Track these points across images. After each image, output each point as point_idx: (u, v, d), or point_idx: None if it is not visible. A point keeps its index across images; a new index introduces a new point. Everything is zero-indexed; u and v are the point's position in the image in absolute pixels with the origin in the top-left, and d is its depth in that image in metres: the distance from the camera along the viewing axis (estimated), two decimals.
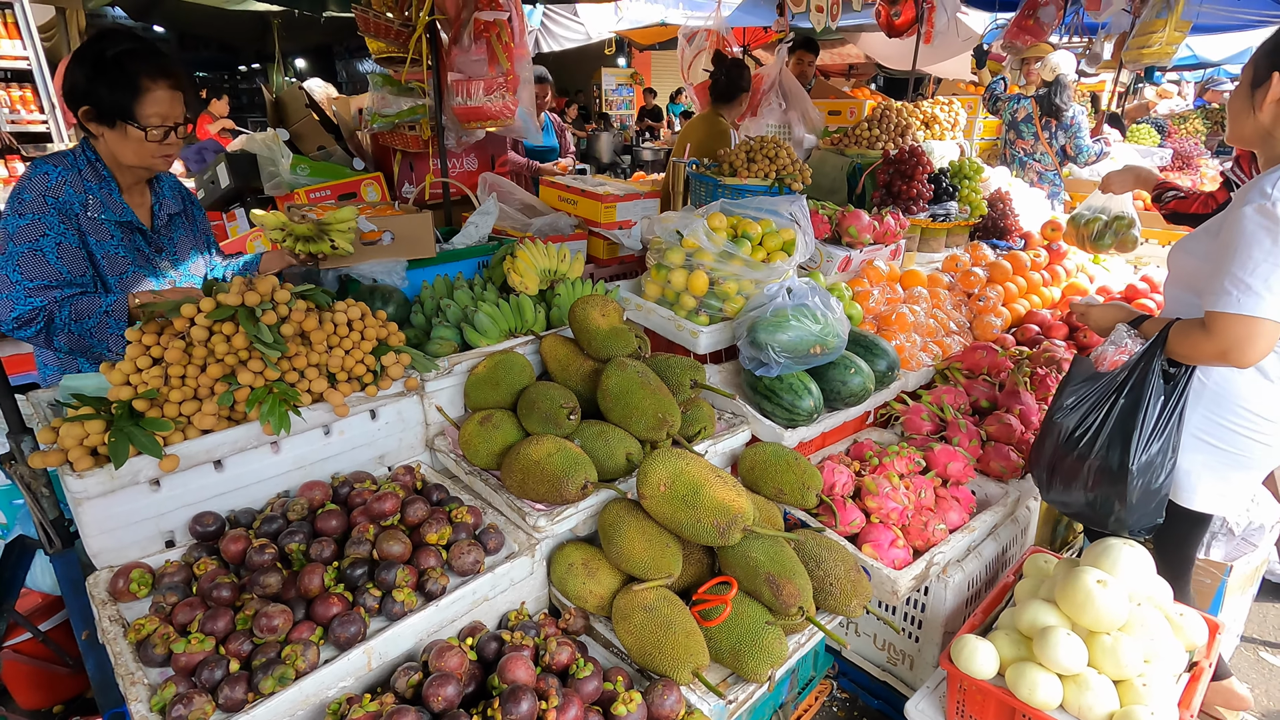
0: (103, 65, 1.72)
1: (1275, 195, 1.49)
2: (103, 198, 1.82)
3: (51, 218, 1.74)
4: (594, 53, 9.53)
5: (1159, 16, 5.37)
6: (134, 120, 1.75)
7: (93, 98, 1.74)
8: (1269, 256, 1.48)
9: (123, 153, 1.81)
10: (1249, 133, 1.69)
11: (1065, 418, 1.85)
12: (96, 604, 1.40)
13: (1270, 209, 1.49)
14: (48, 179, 1.75)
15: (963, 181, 3.46)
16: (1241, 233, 1.52)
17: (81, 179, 1.80)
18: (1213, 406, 1.76)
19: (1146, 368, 1.72)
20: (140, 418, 1.44)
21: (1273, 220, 1.48)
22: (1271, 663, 2.68)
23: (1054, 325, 2.90)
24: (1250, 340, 1.52)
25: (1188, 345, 1.65)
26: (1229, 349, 1.55)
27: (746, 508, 1.51)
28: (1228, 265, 1.54)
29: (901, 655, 2.17)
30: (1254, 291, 1.50)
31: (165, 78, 1.77)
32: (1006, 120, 4.62)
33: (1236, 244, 1.53)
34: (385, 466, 1.85)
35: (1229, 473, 1.79)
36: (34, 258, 1.72)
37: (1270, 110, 1.61)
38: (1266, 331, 1.51)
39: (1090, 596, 1.56)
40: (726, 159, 3.10)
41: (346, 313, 1.69)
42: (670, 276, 2.30)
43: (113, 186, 1.85)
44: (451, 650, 1.35)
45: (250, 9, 6.05)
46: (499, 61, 3.00)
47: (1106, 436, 1.75)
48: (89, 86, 1.73)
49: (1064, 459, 1.84)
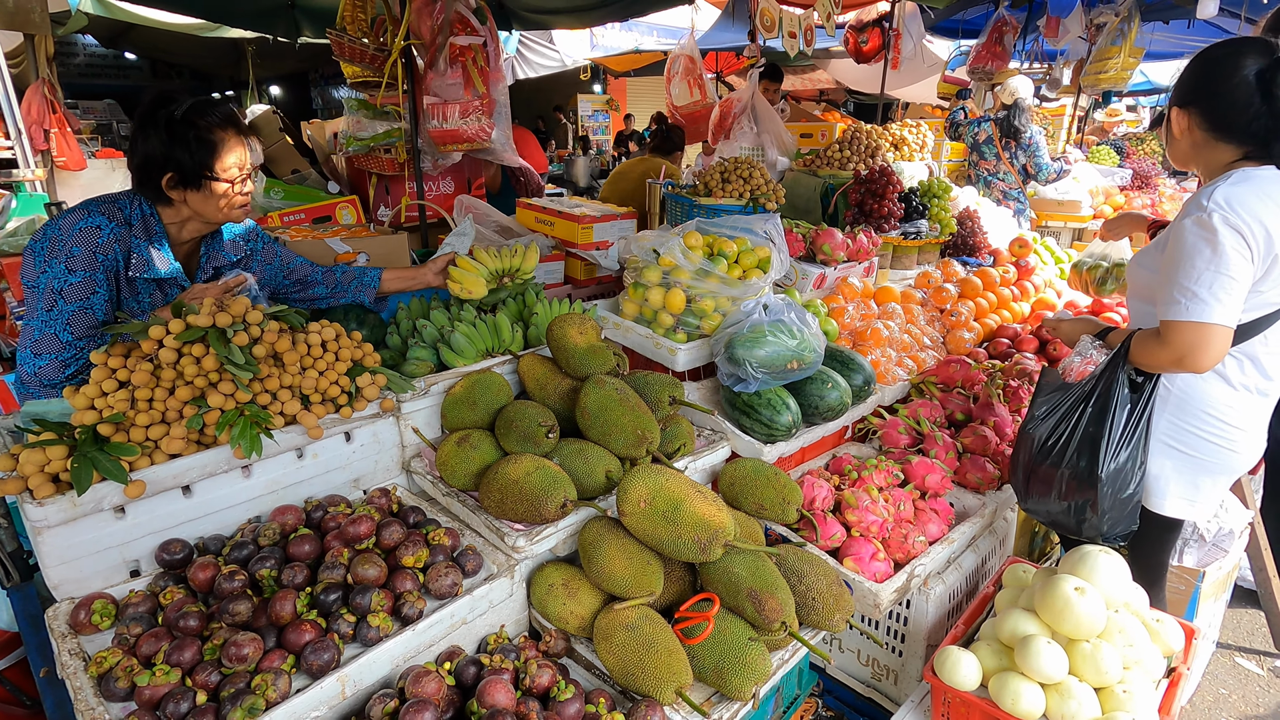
0: (174, 127, 1.68)
1: (1210, 207, 1.56)
2: (149, 255, 1.76)
3: (101, 275, 1.69)
4: (570, 79, 9.65)
5: (1114, 44, 5.61)
6: (216, 176, 1.72)
7: (173, 163, 1.69)
8: (1210, 265, 1.56)
9: (208, 210, 1.77)
10: (1179, 156, 1.81)
11: (1037, 428, 1.88)
12: (56, 637, 1.35)
13: (1207, 220, 1.56)
14: (99, 234, 1.68)
15: (932, 200, 3.54)
16: (1183, 245, 1.60)
17: (130, 234, 1.74)
18: (1178, 413, 1.80)
19: (1111, 377, 1.76)
20: (105, 443, 1.40)
21: (1210, 231, 1.56)
22: (1248, 669, 2.71)
23: (1024, 339, 2.96)
24: (1202, 346, 1.58)
25: (1147, 354, 1.70)
26: (1184, 355, 1.61)
27: (727, 523, 1.50)
28: (1175, 276, 1.61)
29: (886, 670, 2.16)
30: (1200, 299, 1.56)
31: (233, 126, 1.75)
32: (969, 143, 4.78)
33: (1180, 255, 1.60)
34: (360, 490, 1.82)
35: (1198, 478, 1.82)
36: (84, 316, 1.67)
37: (1183, 140, 1.74)
38: (1216, 336, 1.57)
39: (1069, 604, 1.57)
40: (702, 179, 3.14)
41: (320, 333, 1.67)
42: (648, 295, 2.31)
43: (163, 242, 1.80)
44: (429, 676, 1.32)
45: (224, 36, 6.05)
46: (475, 85, 3.03)
47: (1076, 445, 1.78)
48: (168, 152, 1.68)
49: (1038, 468, 1.88)
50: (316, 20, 4.52)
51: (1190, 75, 1.70)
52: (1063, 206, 4.95)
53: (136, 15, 5.24)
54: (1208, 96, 1.66)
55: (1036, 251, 3.57)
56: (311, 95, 13.40)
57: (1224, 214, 1.55)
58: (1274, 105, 1.57)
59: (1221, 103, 1.64)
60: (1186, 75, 1.71)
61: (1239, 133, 1.64)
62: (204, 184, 1.72)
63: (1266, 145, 1.62)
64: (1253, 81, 1.58)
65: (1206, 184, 1.67)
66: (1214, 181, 1.63)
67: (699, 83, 4.92)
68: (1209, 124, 1.67)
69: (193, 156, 1.69)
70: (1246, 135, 1.63)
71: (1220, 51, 1.65)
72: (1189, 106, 1.70)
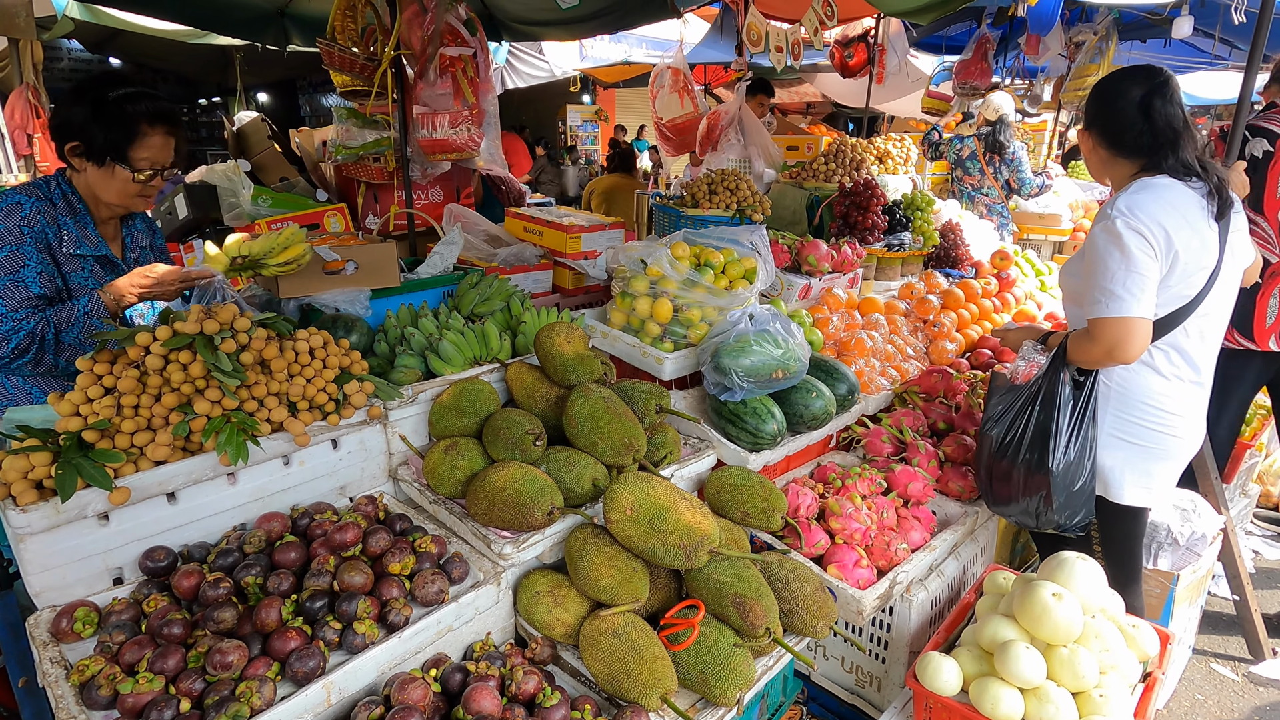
0: (103, 105, 1.74)
1: (1114, 214, 1.76)
2: (77, 232, 1.83)
3: (29, 248, 1.74)
4: (559, 89, 9.70)
5: (1092, 62, 5.74)
6: (125, 162, 1.78)
7: (85, 134, 1.75)
8: (1121, 265, 1.73)
9: (105, 190, 1.83)
10: (1093, 170, 2.01)
11: (993, 428, 2.00)
12: (37, 646, 1.34)
13: (1113, 226, 1.75)
14: (21, 209, 1.75)
15: (915, 213, 3.60)
16: (1096, 250, 1.79)
17: (55, 211, 1.80)
18: (1120, 406, 1.93)
19: (1054, 377, 1.90)
20: (90, 449, 1.40)
21: (1116, 235, 1.74)
22: (1223, 674, 2.76)
23: (1004, 350, 3.01)
24: (1126, 337, 1.73)
25: (1081, 351, 1.84)
26: (1112, 347, 1.75)
27: (712, 530, 1.52)
28: (1094, 278, 1.78)
29: (869, 677, 2.18)
30: (1118, 296, 1.73)
31: (164, 123, 1.81)
32: (952, 159, 4.88)
33: (1095, 260, 1.79)
34: (347, 497, 1.82)
35: (1148, 465, 1.94)
36: (16, 288, 1.71)
37: (1093, 158, 1.96)
38: (1137, 328, 1.73)
39: (1047, 609, 1.60)
40: (690, 190, 3.17)
41: (309, 340, 1.68)
42: (635, 304, 2.34)
43: (87, 220, 1.86)
44: (415, 683, 1.32)
45: (212, 42, 6.03)
46: (464, 96, 3.05)
47: (1029, 443, 1.91)
48: (84, 124, 1.75)
49: (998, 466, 1.99)
50: (306, 29, 4.52)
51: (1090, 101, 1.92)
52: (1044, 220, 5.05)
53: (123, 21, 5.21)
54: (1102, 119, 1.89)
55: (1018, 264, 3.64)
56: (300, 102, 13.34)
57: (1126, 219, 1.74)
58: (1153, 124, 1.80)
59: (1112, 124, 1.86)
60: (1088, 102, 1.93)
61: (1130, 148, 1.86)
62: (107, 163, 1.78)
63: (1154, 158, 1.83)
64: (1134, 106, 1.81)
65: (1114, 194, 1.86)
66: (1118, 193, 1.83)
67: (689, 94, 4.98)
68: (1106, 142, 1.89)
69: (107, 136, 1.75)
70: (1136, 150, 1.85)
71: (1111, 80, 1.88)
72: (1090, 129, 1.92)
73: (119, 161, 1.78)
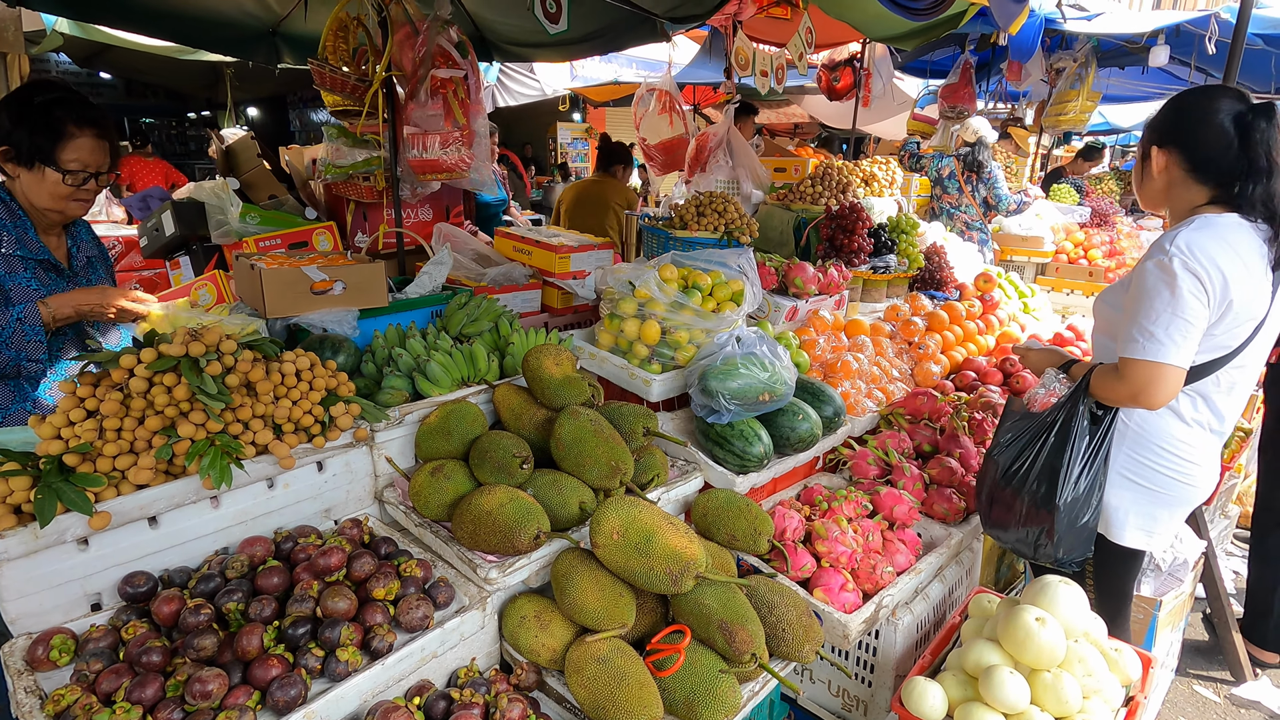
0: (29, 110, 1.78)
1: (1173, 251, 1.63)
2: (17, 235, 1.85)
3: None
4: (549, 108, 9.77)
5: (1072, 87, 5.88)
6: (53, 164, 1.81)
7: (13, 139, 1.79)
8: (1169, 307, 1.62)
9: (37, 195, 1.85)
10: (1152, 195, 1.87)
11: (1001, 454, 1.95)
12: (11, 674, 1.31)
13: (1167, 264, 1.63)
14: None
15: (900, 236, 3.65)
16: (1144, 286, 1.67)
17: None
18: (1135, 447, 1.86)
19: (1073, 410, 1.82)
20: (70, 473, 1.38)
21: (1170, 275, 1.63)
22: (1205, 696, 2.77)
23: (989, 372, 3.04)
24: (1156, 384, 1.64)
25: (1106, 388, 1.76)
26: (1139, 391, 1.67)
27: (699, 555, 1.52)
28: (1136, 315, 1.68)
29: (856, 701, 2.18)
30: (1157, 339, 1.63)
31: (91, 126, 1.84)
32: (932, 177, 5.01)
33: (1141, 296, 1.68)
34: (332, 520, 1.80)
35: (1155, 510, 1.88)
36: None
37: (1160, 179, 1.81)
38: (1170, 376, 1.64)
39: (1030, 634, 1.61)
40: (678, 212, 3.20)
41: (295, 362, 1.67)
42: (623, 326, 2.35)
43: (27, 225, 1.88)
44: (398, 711, 1.31)
45: (202, 59, 6.04)
46: (455, 116, 3.06)
47: (1037, 473, 1.84)
48: (11, 128, 1.78)
49: (1000, 493, 1.94)
50: (297, 48, 4.54)
51: (1168, 117, 1.77)
52: (1026, 242, 5.13)
53: (113, 36, 5.21)
54: (1186, 137, 1.73)
55: (1001, 286, 3.69)
56: (290, 118, 13.36)
57: (1184, 259, 1.61)
58: (1251, 148, 1.65)
59: (1200, 143, 1.71)
60: (1167, 117, 1.78)
61: (1214, 172, 1.70)
62: (35, 166, 1.81)
63: (1234, 187, 1.68)
64: (1230, 125, 1.66)
65: (1171, 227, 1.74)
66: (1177, 226, 1.70)
67: (678, 114, 5.03)
68: (1187, 163, 1.74)
69: (32, 138, 1.79)
70: (1221, 175, 1.70)
71: (1200, 94, 1.74)
72: (1169, 146, 1.76)
73: (47, 164, 1.81)
